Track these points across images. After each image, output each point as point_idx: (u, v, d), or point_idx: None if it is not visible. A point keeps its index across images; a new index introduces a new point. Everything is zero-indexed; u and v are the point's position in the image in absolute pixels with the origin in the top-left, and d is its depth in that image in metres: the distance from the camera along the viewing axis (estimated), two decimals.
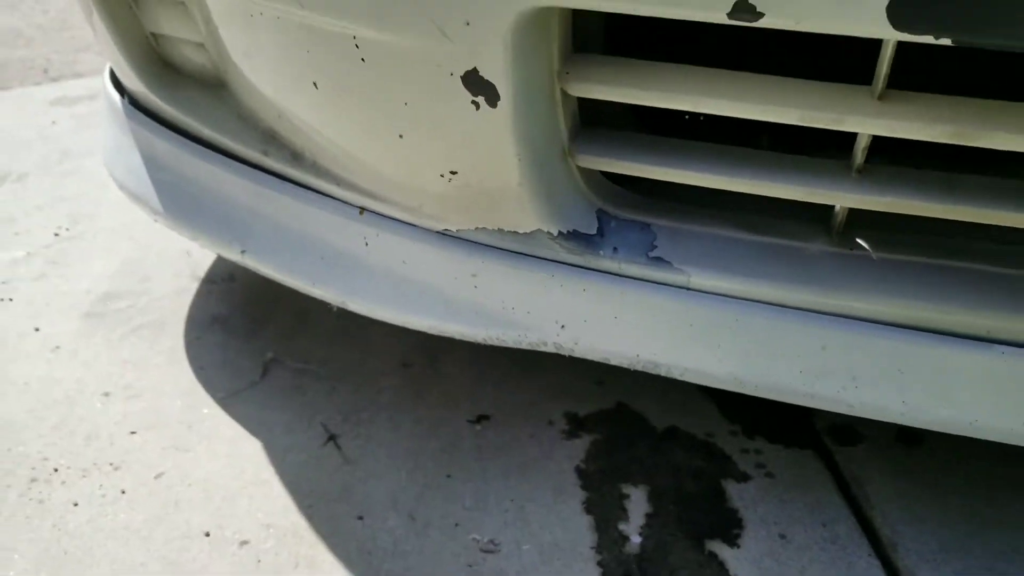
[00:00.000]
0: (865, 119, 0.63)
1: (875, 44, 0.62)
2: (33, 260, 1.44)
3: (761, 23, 0.56)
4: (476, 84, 0.67)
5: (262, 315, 1.31)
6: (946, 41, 0.53)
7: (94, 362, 1.20)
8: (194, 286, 1.38)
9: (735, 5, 0.56)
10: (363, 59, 0.71)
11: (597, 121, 0.79)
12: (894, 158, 0.76)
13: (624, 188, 0.82)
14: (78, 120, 2.02)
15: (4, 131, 1.95)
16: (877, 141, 0.68)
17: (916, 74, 0.70)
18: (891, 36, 0.54)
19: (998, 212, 0.67)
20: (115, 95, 1.15)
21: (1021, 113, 0.61)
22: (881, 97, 0.64)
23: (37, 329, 1.27)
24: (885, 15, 0.53)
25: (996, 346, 0.72)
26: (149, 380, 1.17)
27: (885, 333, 0.74)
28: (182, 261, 1.44)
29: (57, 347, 1.23)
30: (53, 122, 2.01)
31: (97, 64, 2.43)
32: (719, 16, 0.57)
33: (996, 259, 0.73)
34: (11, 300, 1.33)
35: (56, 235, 1.52)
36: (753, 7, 0.55)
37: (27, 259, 1.44)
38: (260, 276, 1.02)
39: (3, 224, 1.55)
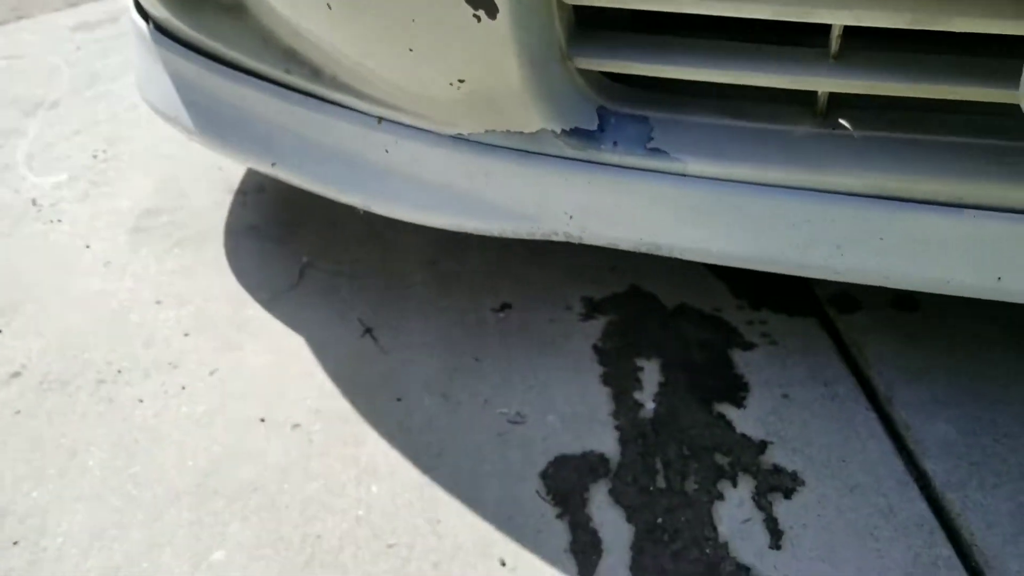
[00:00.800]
0: (833, 11, 0.69)
1: None
2: (76, 182, 1.53)
3: None
4: None
5: (294, 222, 1.39)
6: None
7: (143, 274, 1.30)
8: (228, 199, 1.46)
9: None
10: None
11: (595, 22, 0.84)
12: (876, 42, 0.81)
13: (621, 84, 0.88)
14: (101, 45, 2.08)
15: (33, 59, 2.02)
16: (861, 29, 0.73)
17: None
18: None
19: (964, 88, 0.73)
20: (141, 22, 1.21)
21: None
22: None
23: (88, 247, 1.36)
24: None
25: (966, 210, 0.78)
26: (196, 287, 1.27)
27: (865, 204, 0.81)
28: (215, 175, 1.52)
29: (108, 262, 1.33)
30: (78, 48, 2.07)
31: None
32: None
33: (964, 130, 0.79)
34: (60, 221, 1.42)
35: (94, 157, 1.60)
36: None
37: (70, 182, 1.53)
38: (289, 186, 1.10)
39: (44, 150, 1.63)
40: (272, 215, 1.41)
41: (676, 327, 1.15)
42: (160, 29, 1.19)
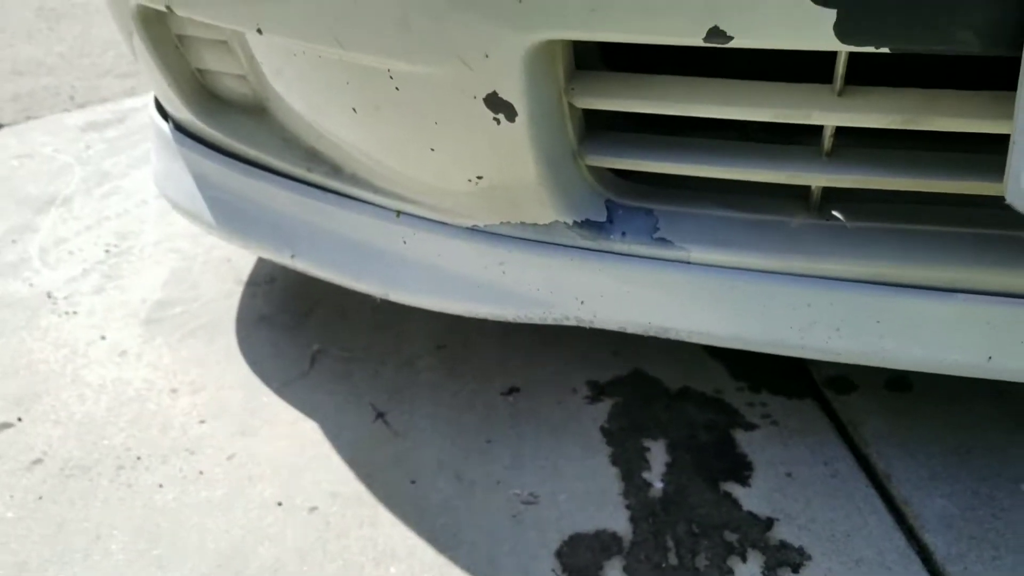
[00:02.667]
0: (828, 113, 0.75)
1: None
2: (89, 276, 1.57)
3: (732, 44, 0.68)
4: (496, 104, 0.79)
5: (304, 312, 1.43)
6: (885, 50, 0.65)
7: (158, 363, 1.33)
8: (239, 290, 1.50)
9: (709, 31, 0.68)
10: (397, 88, 0.84)
11: (604, 123, 0.91)
12: (866, 138, 0.87)
13: (629, 179, 0.94)
14: (110, 144, 2.15)
15: (44, 158, 2.08)
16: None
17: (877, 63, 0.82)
18: (841, 48, 0.66)
19: (951, 182, 0.79)
20: (162, 122, 1.27)
21: (955, 100, 0.73)
22: (841, 94, 0.75)
23: (103, 337, 1.40)
24: (833, 33, 0.65)
25: (957, 295, 0.84)
26: (210, 376, 1.30)
27: (861, 289, 0.86)
28: (225, 267, 1.57)
29: (123, 352, 1.36)
30: (88, 147, 2.14)
31: (119, 88, 2.55)
32: (696, 40, 0.69)
33: (951, 220, 0.85)
34: (75, 313, 1.46)
35: (107, 252, 1.65)
36: (724, 32, 0.67)
37: (84, 275, 1.57)
38: (299, 276, 1.15)
39: (57, 245, 1.68)
40: (283, 305, 1.45)
41: (680, 409, 1.19)
42: (180, 128, 1.25)
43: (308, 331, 1.39)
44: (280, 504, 1.07)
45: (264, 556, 0.99)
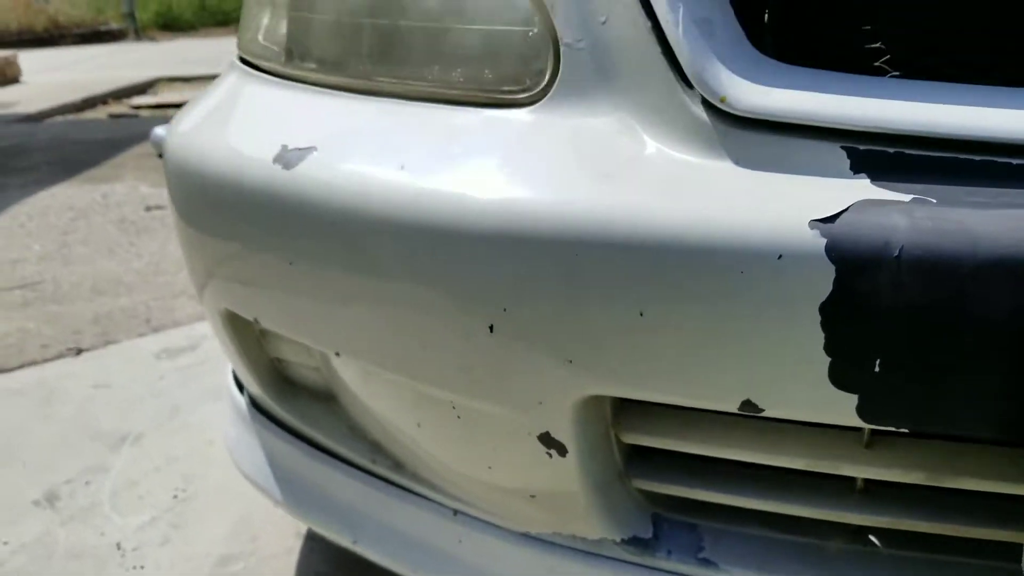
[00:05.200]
0: (856, 465, 0.81)
1: None
2: (157, 524, 1.64)
3: (763, 414, 0.75)
4: (549, 442, 0.86)
5: (359, 570, 1.47)
6: (905, 430, 0.71)
7: None
8: (298, 544, 1.56)
9: (742, 403, 0.75)
10: (458, 416, 0.91)
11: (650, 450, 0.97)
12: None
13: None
14: (183, 373, 2.28)
15: (118, 388, 2.21)
16: None
17: None
18: (863, 426, 0.72)
19: (978, 528, 0.83)
20: (238, 396, 1.37)
21: (977, 460, 0.78)
22: (868, 445, 0.81)
23: None
24: (855, 413, 0.71)
25: None
26: None
27: None
28: (286, 519, 1.63)
29: None
30: (160, 377, 2.26)
31: (192, 310, 2.71)
32: (730, 408, 0.76)
33: (987, 553, 0.88)
34: (142, 567, 1.52)
35: (175, 497, 1.73)
36: (755, 404, 0.74)
37: (151, 523, 1.64)
38: None
39: (127, 488, 1.76)
40: (339, 562, 1.50)
41: None
42: (254, 404, 1.35)
43: None
44: None
45: None
